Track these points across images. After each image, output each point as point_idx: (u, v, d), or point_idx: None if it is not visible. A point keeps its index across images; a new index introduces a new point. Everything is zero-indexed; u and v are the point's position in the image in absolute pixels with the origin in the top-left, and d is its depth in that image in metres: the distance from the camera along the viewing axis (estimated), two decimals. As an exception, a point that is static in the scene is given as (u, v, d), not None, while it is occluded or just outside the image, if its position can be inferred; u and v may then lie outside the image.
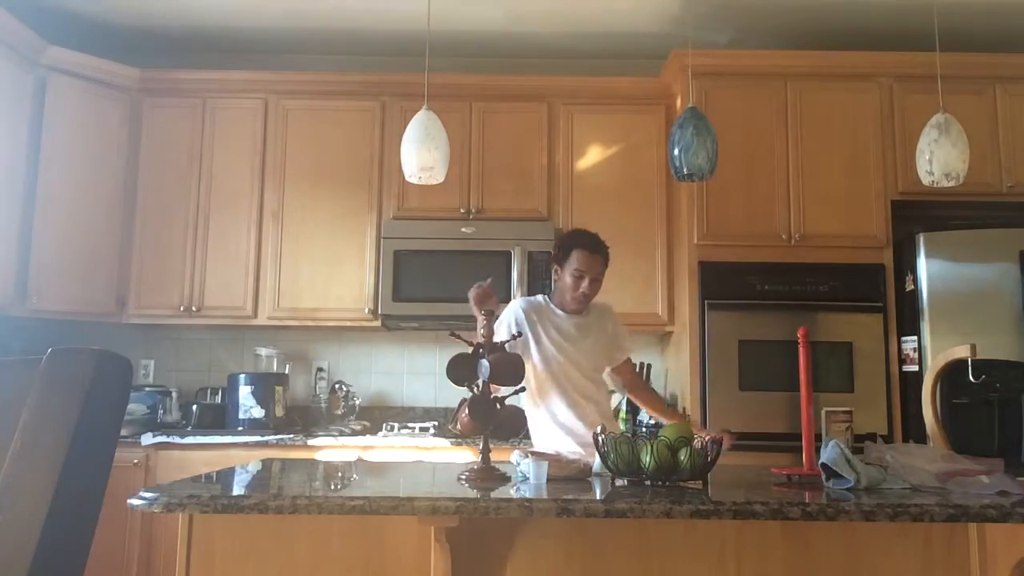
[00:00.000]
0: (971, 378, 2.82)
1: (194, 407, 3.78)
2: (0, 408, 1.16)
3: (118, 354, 1.18)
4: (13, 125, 3.52)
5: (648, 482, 2.00)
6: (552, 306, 2.81)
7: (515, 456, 2.16)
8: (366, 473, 2.32)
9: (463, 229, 3.82)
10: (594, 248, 2.75)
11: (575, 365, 2.74)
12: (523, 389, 2.23)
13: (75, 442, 1.10)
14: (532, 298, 2.88)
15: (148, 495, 1.74)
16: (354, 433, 3.68)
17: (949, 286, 3.44)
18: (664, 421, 3.00)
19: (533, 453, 2.15)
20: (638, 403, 3.13)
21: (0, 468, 1.11)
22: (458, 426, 2.24)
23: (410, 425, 3.81)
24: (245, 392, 3.73)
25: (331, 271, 3.88)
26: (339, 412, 3.95)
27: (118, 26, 4.05)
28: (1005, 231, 3.47)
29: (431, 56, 3.23)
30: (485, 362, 2.12)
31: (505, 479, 2.05)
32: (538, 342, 2.74)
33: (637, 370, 3.21)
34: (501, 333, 2.72)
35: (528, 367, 2.70)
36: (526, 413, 2.78)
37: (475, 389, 2.15)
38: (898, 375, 3.54)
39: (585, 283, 2.72)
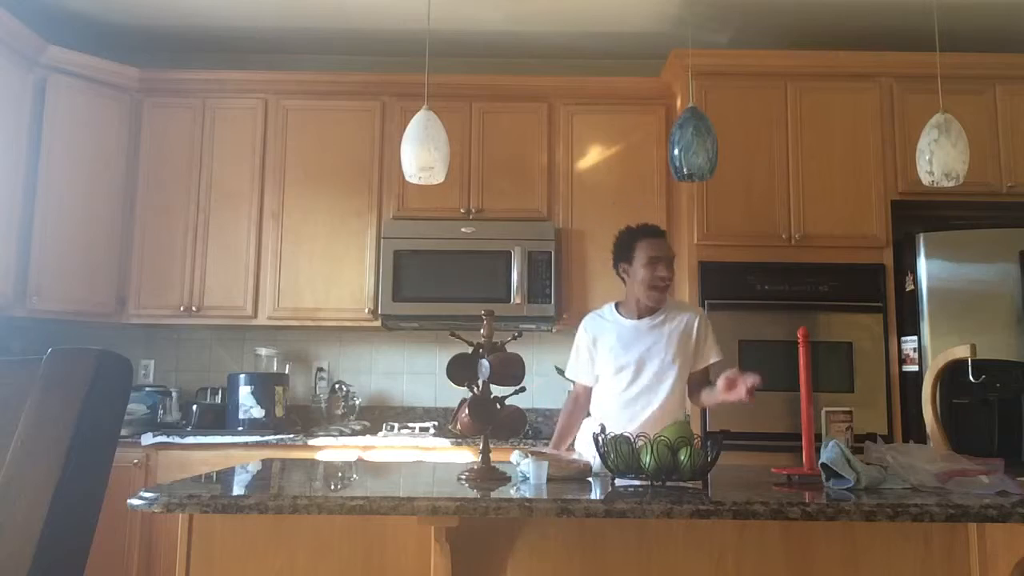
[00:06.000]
0: (971, 378, 2.82)
1: (194, 407, 3.78)
2: (0, 408, 1.16)
3: (118, 354, 1.18)
4: (13, 125, 3.52)
5: (648, 482, 2.00)
6: (617, 314, 2.79)
7: (515, 456, 2.16)
8: (366, 473, 2.32)
9: (463, 229, 3.82)
10: (657, 232, 2.73)
11: (628, 374, 2.70)
12: (523, 389, 2.23)
13: (75, 442, 1.10)
14: (598, 310, 2.86)
15: (148, 495, 1.74)
16: (354, 433, 3.68)
17: (949, 286, 3.44)
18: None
19: (533, 453, 2.15)
20: (691, 402, 2.91)
21: (0, 468, 1.11)
22: (458, 426, 2.23)
23: (410, 425, 3.81)
24: (245, 392, 3.73)
25: (331, 271, 3.88)
26: (339, 412, 3.95)
27: (118, 26, 4.05)
28: (1005, 231, 3.47)
29: (431, 56, 3.23)
30: (485, 362, 2.11)
31: (505, 479, 2.05)
32: (598, 356, 2.76)
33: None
34: (578, 357, 2.82)
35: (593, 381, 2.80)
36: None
37: (475, 389, 2.15)
38: (898, 375, 3.54)
39: (661, 266, 2.67)
